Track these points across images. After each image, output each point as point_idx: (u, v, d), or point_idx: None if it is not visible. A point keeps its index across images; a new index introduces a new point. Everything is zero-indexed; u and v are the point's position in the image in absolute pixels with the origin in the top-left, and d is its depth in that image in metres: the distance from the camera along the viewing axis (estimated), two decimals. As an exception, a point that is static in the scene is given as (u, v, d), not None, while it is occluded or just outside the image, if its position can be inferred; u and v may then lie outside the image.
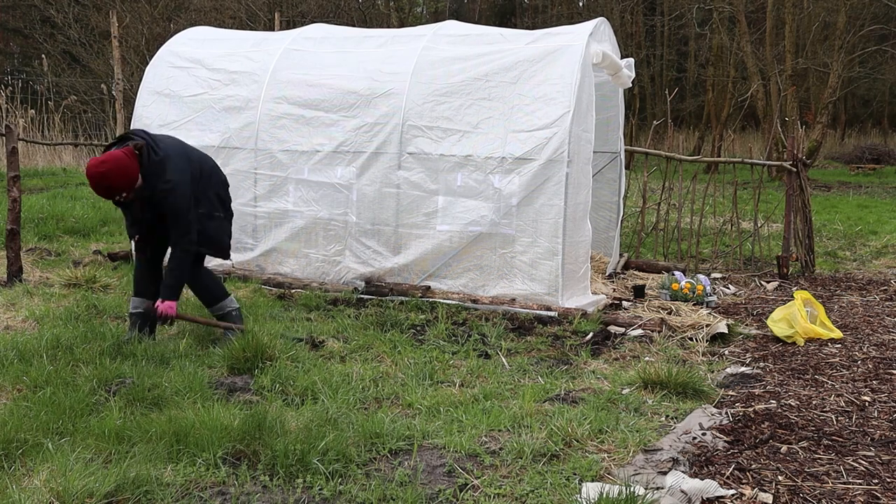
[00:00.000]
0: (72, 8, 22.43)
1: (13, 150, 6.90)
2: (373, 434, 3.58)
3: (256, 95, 7.20)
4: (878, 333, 5.84)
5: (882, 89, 27.81)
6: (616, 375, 4.70)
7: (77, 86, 20.76)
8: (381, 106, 6.68)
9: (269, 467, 3.27)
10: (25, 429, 3.46)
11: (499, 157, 6.21)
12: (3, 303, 5.96)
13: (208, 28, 8.69)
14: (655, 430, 3.80)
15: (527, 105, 6.22)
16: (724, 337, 5.64)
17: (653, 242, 8.91)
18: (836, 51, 19.67)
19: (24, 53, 26.58)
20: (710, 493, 3.11)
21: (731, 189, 9.57)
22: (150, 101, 7.68)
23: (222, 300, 5.29)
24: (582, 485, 3.16)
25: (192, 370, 4.38)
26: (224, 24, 20.50)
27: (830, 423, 3.97)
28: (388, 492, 3.09)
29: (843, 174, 21.20)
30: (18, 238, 6.72)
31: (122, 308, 5.84)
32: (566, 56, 6.25)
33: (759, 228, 8.91)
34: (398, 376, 4.56)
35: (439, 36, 6.99)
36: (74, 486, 2.92)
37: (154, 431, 3.46)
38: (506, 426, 3.80)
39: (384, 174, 6.62)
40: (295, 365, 4.60)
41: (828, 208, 13.55)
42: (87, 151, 16.99)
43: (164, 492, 3.04)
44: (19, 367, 4.32)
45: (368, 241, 6.72)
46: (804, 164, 8.14)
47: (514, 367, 4.82)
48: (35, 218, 9.48)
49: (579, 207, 6.33)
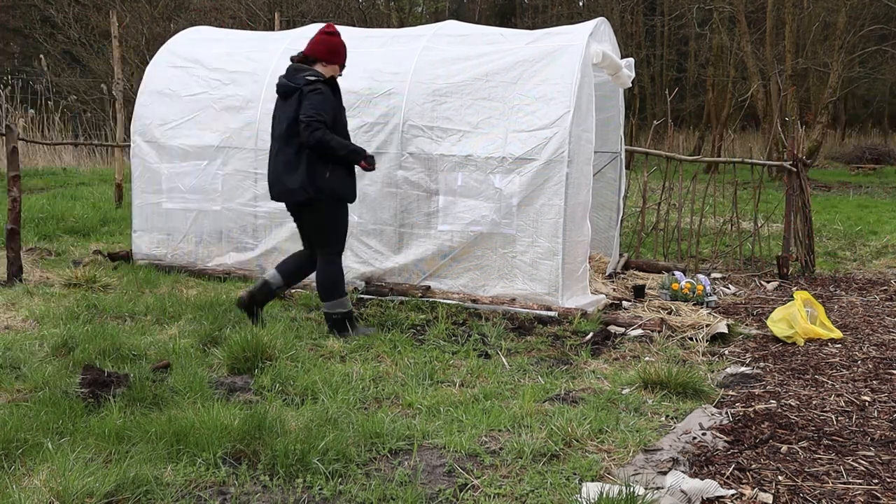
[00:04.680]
0: (72, 8, 22.42)
1: (13, 150, 6.90)
2: (373, 434, 3.58)
3: (256, 95, 7.20)
4: (878, 333, 5.84)
5: (882, 89, 27.80)
6: (616, 375, 4.71)
7: (77, 86, 20.76)
8: (381, 106, 6.68)
9: (269, 467, 3.27)
10: (25, 429, 3.46)
11: (499, 157, 6.21)
12: (3, 303, 5.96)
13: (208, 28, 8.69)
14: (655, 430, 3.80)
15: (527, 105, 6.22)
16: (724, 337, 5.64)
17: (653, 242, 8.91)
18: (836, 51, 19.67)
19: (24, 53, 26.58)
20: (710, 493, 3.11)
21: (731, 189, 9.56)
22: (150, 101, 7.69)
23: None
24: (582, 485, 3.16)
25: (193, 370, 4.38)
26: (224, 24, 20.49)
27: (830, 423, 3.97)
28: (388, 492, 3.09)
29: (843, 174, 21.20)
30: (18, 238, 6.72)
31: (122, 308, 5.84)
32: (566, 56, 6.25)
33: (759, 228, 8.91)
34: (398, 376, 4.56)
35: (439, 36, 6.99)
36: (74, 485, 2.91)
37: (154, 431, 3.45)
38: (506, 426, 3.80)
39: (385, 174, 6.62)
40: (295, 365, 4.60)
41: (828, 208, 13.55)
42: (87, 151, 17.00)
43: (164, 492, 3.04)
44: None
45: (370, 241, 6.72)
46: (804, 164, 8.14)
47: (514, 367, 4.82)
48: (35, 218, 9.49)
49: (579, 207, 6.33)
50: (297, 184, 5.13)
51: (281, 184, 5.24)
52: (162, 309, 5.84)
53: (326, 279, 5.33)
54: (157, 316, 5.70)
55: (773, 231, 10.44)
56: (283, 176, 5.20)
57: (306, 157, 5.08)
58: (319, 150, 5.04)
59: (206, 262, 7.41)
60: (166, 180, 7.53)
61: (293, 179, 5.13)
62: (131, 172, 7.82)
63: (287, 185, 5.19)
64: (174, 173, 7.48)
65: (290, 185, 5.17)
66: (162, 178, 7.55)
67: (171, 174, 7.50)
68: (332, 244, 5.35)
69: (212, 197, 7.33)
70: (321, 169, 5.12)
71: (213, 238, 7.39)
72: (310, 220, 5.33)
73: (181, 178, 7.44)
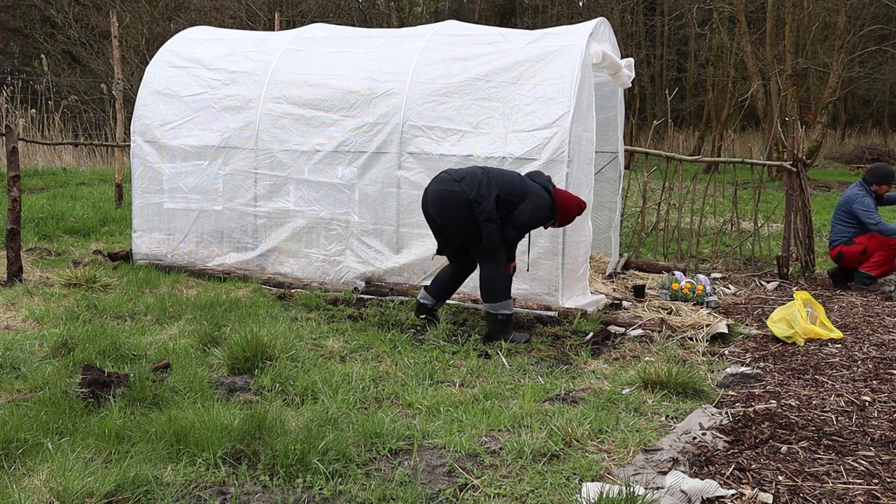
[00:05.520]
0: (72, 8, 22.43)
1: (13, 150, 6.90)
2: (373, 434, 3.58)
3: (256, 95, 7.20)
4: (878, 333, 5.84)
5: (882, 89, 27.80)
6: (616, 375, 4.71)
7: (77, 85, 20.76)
8: (381, 106, 6.68)
9: (269, 467, 3.27)
10: (25, 429, 3.46)
11: (499, 157, 6.21)
12: (3, 303, 5.96)
13: (208, 28, 8.69)
14: (655, 430, 3.81)
15: (527, 105, 6.22)
16: (724, 337, 5.64)
17: (653, 242, 8.91)
18: (836, 51, 19.66)
19: (24, 53, 26.57)
20: (710, 493, 3.11)
21: (731, 189, 9.56)
22: (150, 101, 7.69)
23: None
24: (582, 485, 3.16)
25: (193, 370, 4.39)
26: (224, 24, 20.50)
27: (830, 423, 3.97)
28: (388, 492, 3.09)
29: (843, 174, 21.19)
30: (18, 238, 6.72)
31: (122, 308, 5.84)
32: (566, 56, 6.25)
33: (759, 228, 8.91)
34: (398, 376, 4.56)
35: (439, 36, 6.99)
36: (74, 485, 2.91)
37: (154, 431, 3.46)
38: (506, 426, 3.80)
39: (385, 174, 6.62)
40: (295, 365, 4.60)
41: (828, 208, 13.53)
42: (87, 151, 17.01)
43: (164, 491, 3.04)
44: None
45: (370, 241, 6.73)
46: (804, 164, 8.14)
47: (514, 367, 4.82)
48: (35, 218, 9.49)
49: (579, 207, 6.32)
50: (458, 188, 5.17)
51: (444, 190, 5.25)
52: (162, 309, 5.84)
53: (491, 281, 5.40)
54: (157, 316, 5.70)
55: (773, 231, 10.44)
56: (448, 183, 5.26)
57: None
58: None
59: (207, 262, 7.41)
60: (168, 180, 7.53)
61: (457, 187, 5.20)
62: (131, 172, 7.82)
63: (449, 188, 5.22)
64: (176, 173, 7.48)
65: (452, 189, 5.21)
66: (163, 178, 7.55)
67: (172, 174, 7.50)
68: (498, 254, 5.37)
69: (213, 197, 7.33)
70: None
71: (214, 238, 7.39)
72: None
73: (183, 177, 7.45)
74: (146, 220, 7.66)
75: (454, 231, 5.33)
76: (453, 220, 5.25)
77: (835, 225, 7.66)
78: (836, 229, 7.64)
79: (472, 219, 5.17)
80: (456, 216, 5.22)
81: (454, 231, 5.33)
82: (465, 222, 5.20)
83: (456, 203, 5.19)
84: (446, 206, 5.25)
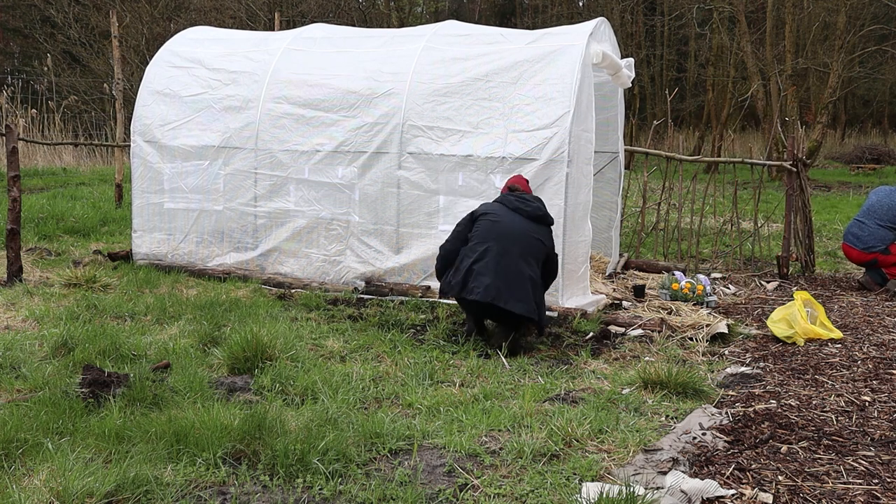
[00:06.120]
0: (72, 8, 22.43)
1: (13, 150, 6.90)
2: (373, 434, 3.58)
3: (256, 95, 7.20)
4: (878, 333, 5.84)
5: (882, 89, 27.79)
6: (616, 375, 4.71)
7: (77, 86, 20.77)
8: (381, 106, 6.68)
9: (269, 467, 3.27)
10: (25, 429, 3.46)
11: (499, 157, 6.21)
12: (3, 303, 5.96)
13: (208, 28, 8.70)
14: (655, 430, 3.80)
15: (527, 105, 6.22)
16: (724, 337, 5.64)
17: (653, 242, 8.91)
18: (836, 51, 19.65)
19: (24, 53, 26.57)
20: (710, 493, 3.11)
21: (731, 189, 9.56)
22: (150, 101, 7.69)
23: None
24: (582, 485, 3.16)
25: (193, 370, 4.38)
26: (224, 24, 20.50)
27: (830, 423, 3.97)
28: (388, 492, 3.09)
29: (843, 174, 21.18)
30: (18, 238, 6.72)
31: (122, 308, 5.84)
32: (566, 56, 6.25)
33: (759, 228, 8.91)
34: (398, 376, 4.56)
35: (439, 36, 6.99)
36: (74, 485, 2.91)
37: (154, 431, 3.46)
38: (506, 426, 3.80)
39: (386, 174, 6.63)
40: (295, 365, 4.60)
41: (828, 208, 13.54)
42: (87, 151, 17.01)
43: (164, 491, 3.04)
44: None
45: (370, 241, 6.73)
46: (804, 164, 8.14)
47: (514, 367, 4.82)
48: (35, 218, 9.49)
49: (579, 207, 6.33)
50: (525, 307, 5.10)
51: (510, 293, 5.17)
52: (162, 309, 5.84)
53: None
54: (157, 316, 5.70)
55: (773, 231, 10.43)
56: (514, 288, 5.15)
57: (531, 282, 5.15)
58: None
59: (207, 262, 7.41)
60: (168, 180, 7.53)
61: (522, 297, 5.13)
62: (131, 172, 7.82)
63: (517, 298, 5.13)
64: (176, 173, 7.48)
65: (520, 300, 5.12)
66: (164, 178, 7.55)
67: (173, 174, 7.50)
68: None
69: (213, 197, 7.33)
70: (541, 295, 5.28)
71: (214, 238, 7.40)
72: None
73: (183, 177, 7.45)
74: (146, 220, 7.66)
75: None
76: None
77: (876, 229, 7.24)
78: (877, 234, 7.23)
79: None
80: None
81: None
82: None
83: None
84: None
